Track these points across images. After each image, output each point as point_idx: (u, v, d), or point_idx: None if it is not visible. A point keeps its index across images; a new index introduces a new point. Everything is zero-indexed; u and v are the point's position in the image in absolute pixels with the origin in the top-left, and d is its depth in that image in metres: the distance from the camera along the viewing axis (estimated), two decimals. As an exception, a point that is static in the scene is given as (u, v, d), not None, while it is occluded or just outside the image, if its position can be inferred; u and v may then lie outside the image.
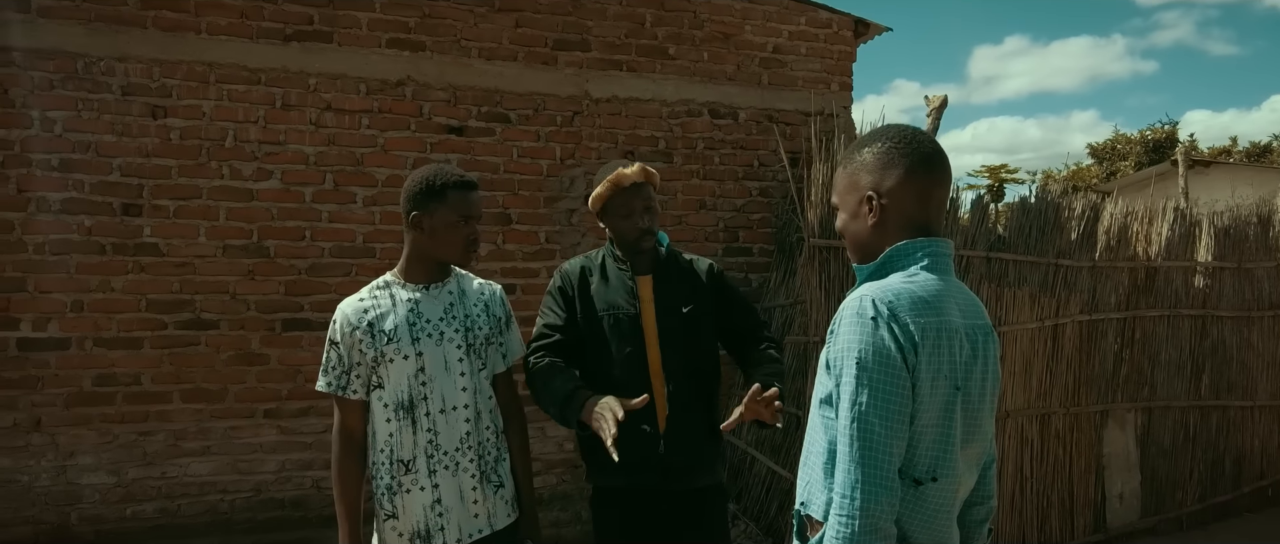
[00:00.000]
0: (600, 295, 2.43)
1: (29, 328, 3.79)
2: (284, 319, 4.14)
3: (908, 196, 1.53)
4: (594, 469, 2.44)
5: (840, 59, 5.22)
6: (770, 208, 5.03)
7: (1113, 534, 4.81)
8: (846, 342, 1.43)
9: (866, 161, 1.57)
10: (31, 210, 3.80)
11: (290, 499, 4.16)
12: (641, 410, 2.29)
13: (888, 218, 1.54)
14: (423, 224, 2.18)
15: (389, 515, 2.18)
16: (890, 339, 1.41)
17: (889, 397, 1.41)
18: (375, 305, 2.20)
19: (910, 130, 1.58)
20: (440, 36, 4.39)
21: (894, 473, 1.41)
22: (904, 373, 1.41)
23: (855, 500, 1.39)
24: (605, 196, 2.42)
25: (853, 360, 1.42)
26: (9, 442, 3.76)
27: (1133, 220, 5.00)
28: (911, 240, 1.52)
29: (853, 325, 1.43)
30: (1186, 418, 5.09)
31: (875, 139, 1.57)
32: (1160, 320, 5.00)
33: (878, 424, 1.40)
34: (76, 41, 3.85)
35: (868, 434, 1.40)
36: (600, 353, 2.40)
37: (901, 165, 1.53)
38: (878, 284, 1.48)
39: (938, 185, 1.55)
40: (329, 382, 2.22)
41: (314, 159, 4.19)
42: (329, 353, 2.23)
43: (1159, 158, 18.90)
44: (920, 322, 1.43)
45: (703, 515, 2.41)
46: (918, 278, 1.48)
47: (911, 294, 1.46)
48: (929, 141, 1.57)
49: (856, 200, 1.57)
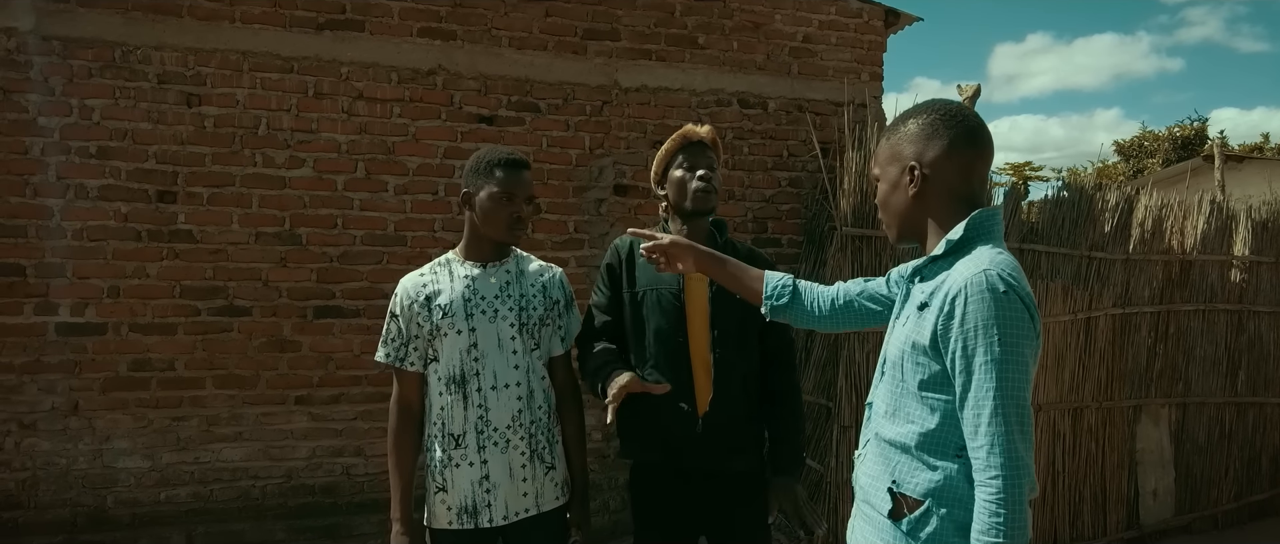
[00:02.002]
0: (646, 271, 2.40)
1: (67, 313, 3.84)
2: (316, 306, 4.17)
3: (951, 169, 1.52)
4: (631, 444, 2.43)
5: (871, 49, 5.18)
6: (799, 198, 5.00)
7: (1146, 531, 4.74)
8: (981, 319, 1.39)
9: (910, 132, 1.56)
10: (70, 197, 3.85)
11: (321, 486, 4.19)
12: (679, 389, 2.30)
13: (929, 189, 1.53)
14: (472, 201, 2.24)
15: (439, 488, 2.22)
16: (1024, 311, 1.41)
17: (1028, 371, 1.41)
18: (433, 281, 2.26)
19: (955, 104, 1.57)
20: (471, 26, 4.40)
21: (1032, 449, 1.43)
22: (1035, 346, 1.43)
23: (1019, 479, 1.37)
24: (672, 150, 2.42)
25: (995, 338, 1.38)
26: (48, 425, 3.82)
27: (1167, 213, 4.93)
28: (984, 211, 1.52)
29: (985, 303, 1.39)
30: (1222, 414, 5.01)
31: (920, 111, 1.57)
32: (1195, 315, 4.93)
33: (1026, 399, 1.40)
34: (115, 31, 3.89)
35: (1023, 411, 1.40)
36: (642, 329, 2.39)
37: (945, 137, 1.52)
38: (989, 259, 1.45)
39: (980, 159, 1.55)
40: (387, 353, 2.26)
41: (346, 147, 4.21)
42: (388, 325, 2.27)
43: (1188, 155, 18.61)
44: (1030, 290, 1.45)
45: (739, 498, 2.39)
46: (1002, 250, 1.48)
47: (1014, 265, 1.46)
48: (974, 115, 1.57)
49: (898, 171, 1.57)
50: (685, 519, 2.37)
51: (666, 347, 2.35)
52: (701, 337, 2.35)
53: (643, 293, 2.40)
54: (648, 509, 2.42)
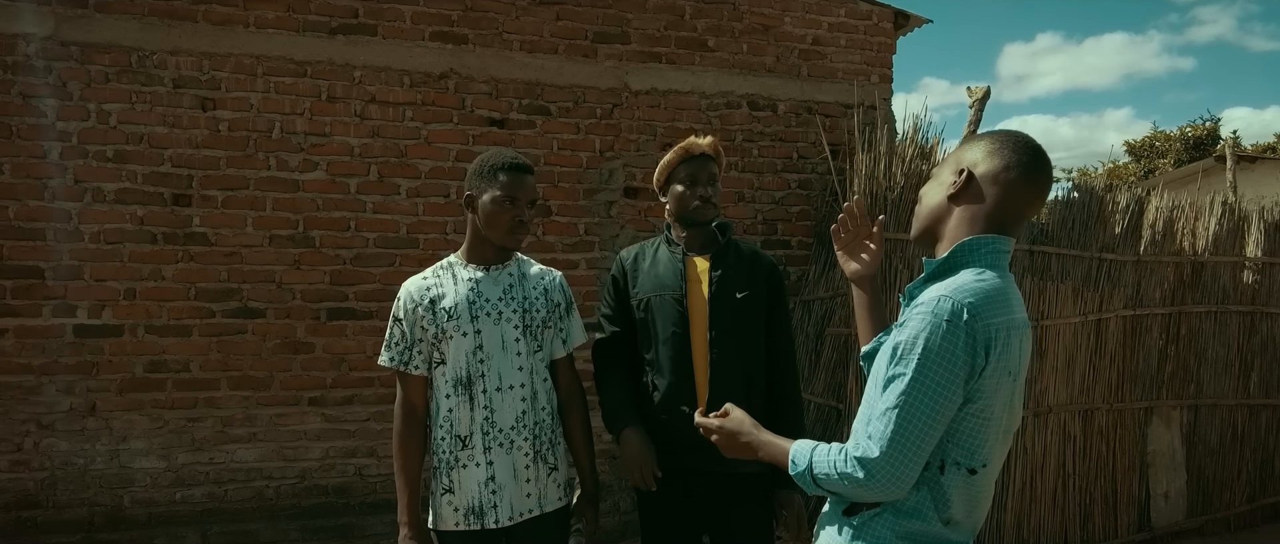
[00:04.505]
0: (650, 277, 2.46)
1: (85, 314, 3.89)
2: (329, 308, 4.21)
3: (996, 189, 1.56)
4: None
5: (880, 51, 5.19)
6: (809, 200, 5.01)
7: (1158, 533, 4.73)
8: (915, 333, 1.45)
9: (980, 145, 1.62)
10: (87, 200, 3.90)
11: (334, 486, 4.23)
12: (681, 390, 2.36)
13: (965, 195, 1.58)
14: (475, 204, 2.27)
15: (446, 490, 2.23)
16: (964, 343, 1.43)
17: (938, 400, 1.44)
18: (437, 284, 2.27)
19: (1033, 142, 1.61)
20: (482, 29, 4.44)
21: (917, 467, 1.45)
22: (960, 381, 1.44)
23: (877, 465, 1.43)
24: (673, 163, 2.46)
25: (917, 354, 1.44)
26: (66, 425, 3.87)
27: (1179, 214, 4.91)
28: (980, 236, 1.55)
29: (927, 322, 1.45)
30: (1234, 416, 4.99)
31: (997, 133, 1.63)
32: (1207, 316, 4.91)
33: (919, 417, 1.44)
34: (131, 36, 3.94)
35: (907, 421, 1.44)
36: (647, 334, 2.44)
37: (1005, 158, 1.57)
38: (956, 285, 1.49)
39: (1026, 194, 1.57)
40: (392, 357, 2.27)
41: (358, 150, 4.25)
42: (392, 329, 2.28)
43: (1200, 155, 18.50)
44: (996, 321, 1.47)
45: (740, 500, 2.41)
46: (986, 277, 1.51)
47: (985, 293, 1.48)
48: (1044, 157, 1.60)
49: (950, 171, 1.62)
50: (688, 519, 2.41)
51: (669, 350, 2.40)
52: (702, 338, 2.39)
53: (646, 299, 2.45)
54: (652, 509, 2.46)
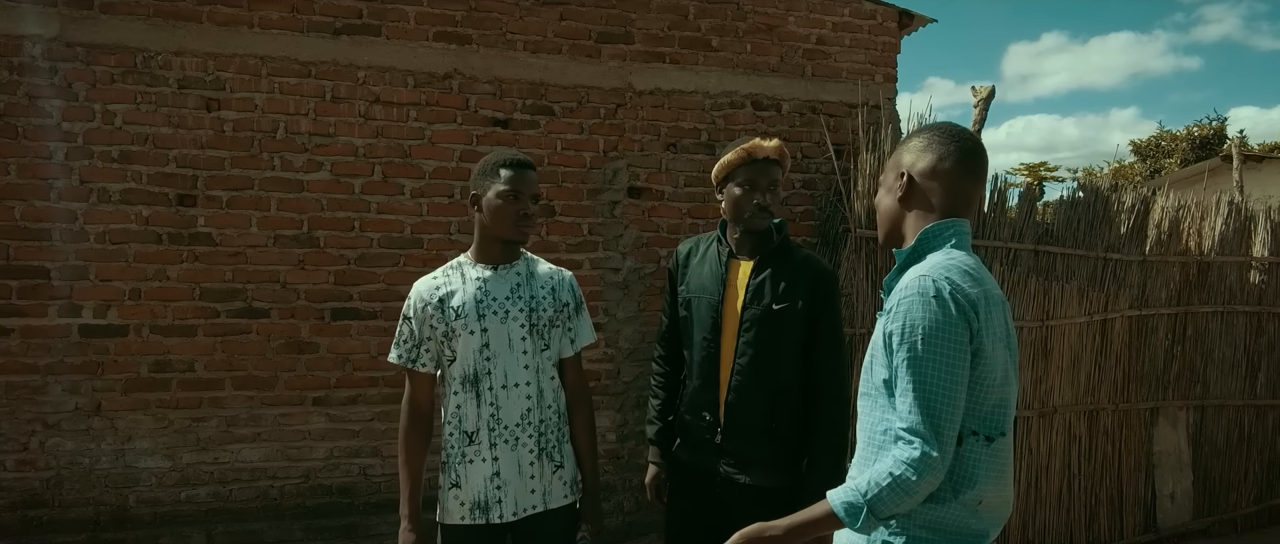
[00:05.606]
0: (695, 276, 2.47)
1: (90, 314, 3.90)
2: (333, 308, 4.22)
3: (936, 182, 1.65)
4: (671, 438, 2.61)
5: (884, 50, 5.17)
6: (813, 200, 5.01)
7: (1164, 534, 4.72)
8: (906, 314, 1.52)
9: (911, 145, 1.72)
10: (93, 201, 3.91)
11: (338, 486, 4.23)
12: (705, 398, 2.39)
13: (912, 196, 1.67)
14: (480, 202, 2.31)
15: (453, 484, 2.27)
16: (955, 311, 1.50)
17: (954, 368, 1.49)
18: (446, 283, 2.32)
19: (957, 128, 1.72)
20: (486, 30, 4.44)
21: (953, 441, 1.50)
22: (967, 344, 1.51)
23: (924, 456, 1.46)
24: (733, 164, 2.41)
25: (918, 332, 1.50)
26: (72, 425, 3.88)
27: (1185, 214, 4.90)
28: (939, 222, 1.64)
29: (914, 301, 1.52)
30: (1241, 417, 4.98)
31: (925, 129, 1.74)
32: (1213, 317, 4.90)
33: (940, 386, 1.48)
34: (136, 36, 3.95)
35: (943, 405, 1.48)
36: (687, 332, 2.48)
37: (936, 152, 1.67)
38: (929, 265, 1.58)
39: (965, 179, 1.66)
40: (400, 354, 2.32)
41: (363, 151, 4.26)
42: (401, 327, 2.33)
43: (1206, 155, 18.43)
44: (973, 292, 1.54)
45: (757, 513, 2.40)
46: (954, 255, 1.60)
47: (957, 267, 1.57)
48: (971, 140, 1.70)
49: (893, 176, 1.72)
50: (708, 521, 2.40)
51: (699, 354, 2.41)
52: (730, 348, 2.38)
53: (689, 300, 2.46)
54: (676, 504, 2.51)
